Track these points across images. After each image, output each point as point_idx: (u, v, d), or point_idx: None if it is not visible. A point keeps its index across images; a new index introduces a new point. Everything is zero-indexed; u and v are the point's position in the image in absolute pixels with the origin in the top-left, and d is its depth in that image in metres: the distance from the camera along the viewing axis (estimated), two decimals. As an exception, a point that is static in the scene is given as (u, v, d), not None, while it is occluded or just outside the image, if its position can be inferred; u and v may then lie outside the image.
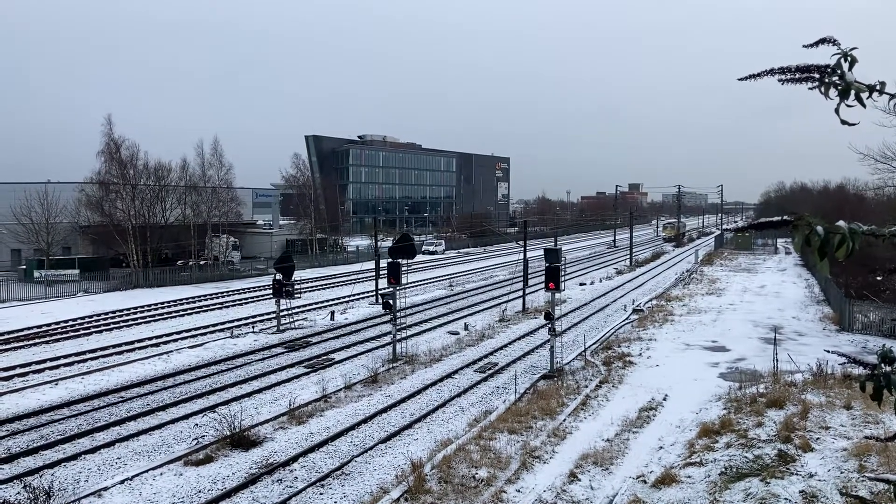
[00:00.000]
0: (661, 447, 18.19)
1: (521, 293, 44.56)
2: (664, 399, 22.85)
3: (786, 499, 12.83)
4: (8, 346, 32.91)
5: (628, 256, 76.89)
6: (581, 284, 56.25)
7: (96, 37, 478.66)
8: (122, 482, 16.59)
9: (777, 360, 25.99)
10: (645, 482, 15.53)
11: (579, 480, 15.90)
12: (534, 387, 24.95)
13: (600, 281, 59.29)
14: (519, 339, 34.28)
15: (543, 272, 28.09)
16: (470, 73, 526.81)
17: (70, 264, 60.64)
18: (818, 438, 16.31)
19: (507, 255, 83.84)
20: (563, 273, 28.16)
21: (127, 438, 19.90)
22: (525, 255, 45.99)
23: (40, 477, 16.69)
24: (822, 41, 2.61)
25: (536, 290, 46.53)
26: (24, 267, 61.09)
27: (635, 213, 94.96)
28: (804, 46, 2.68)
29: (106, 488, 16.21)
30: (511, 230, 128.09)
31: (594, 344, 32.54)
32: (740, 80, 2.79)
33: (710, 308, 43.01)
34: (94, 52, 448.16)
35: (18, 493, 14.96)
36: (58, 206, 60.73)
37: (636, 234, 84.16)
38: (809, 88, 2.64)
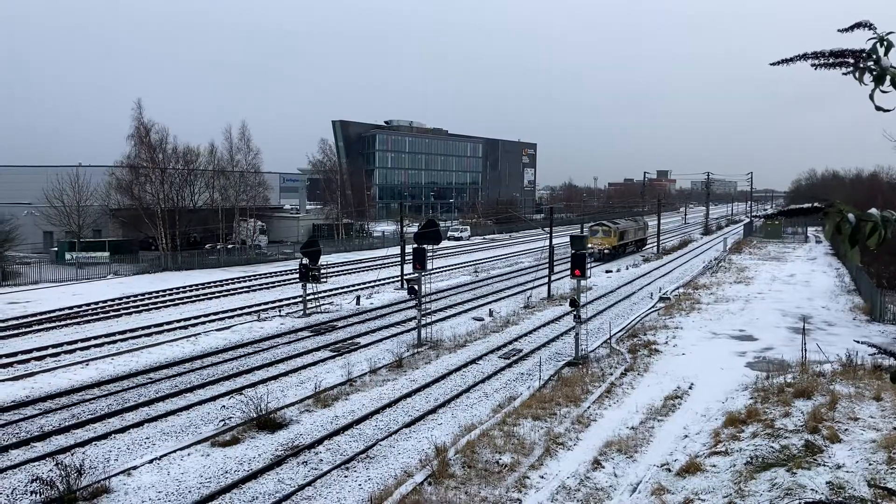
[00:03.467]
0: (686, 436, 18.11)
1: (546, 280, 44.44)
2: (690, 388, 22.72)
3: (812, 489, 12.72)
4: (41, 327, 33.54)
5: (656, 244, 76.29)
6: (607, 272, 55.95)
7: (131, 28, 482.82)
8: (150, 461, 16.87)
9: (806, 350, 25.70)
10: (669, 470, 15.48)
11: (603, 467, 15.89)
12: (558, 374, 24.92)
13: (627, 268, 58.91)
14: (544, 325, 34.23)
15: (569, 259, 27.97)
16: (499, 60, 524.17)
17: (100, 247, 61.51)
18: (846, 430, 16.13)
19: (533, 241, 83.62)
20: (589, 260, 28.02)
21: (155, 419, 20.22)
22: (551, 241, 45.80)
23: (72, 455, 17.02)
24: (858, 25, 2.56)
25: (562, 277, 46.33)
26: (56, 249, 62.12)
27: (663, 201, 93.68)
28: (839, 31, 2.63)
29: (135, 467, 16.51)
30: (537, 216, 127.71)
31: (620, 332, 32.40)
32: (772, 64, 2.75)
33: (737, 297, 42.58)
34: (128, 44, 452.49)
35: (51, 470, 15.27)
36: (89, 190, 61.54)
37: (664, 221, 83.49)
38: (843, 74, 2.59)
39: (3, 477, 16.06)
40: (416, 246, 31.87)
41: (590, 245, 48.65)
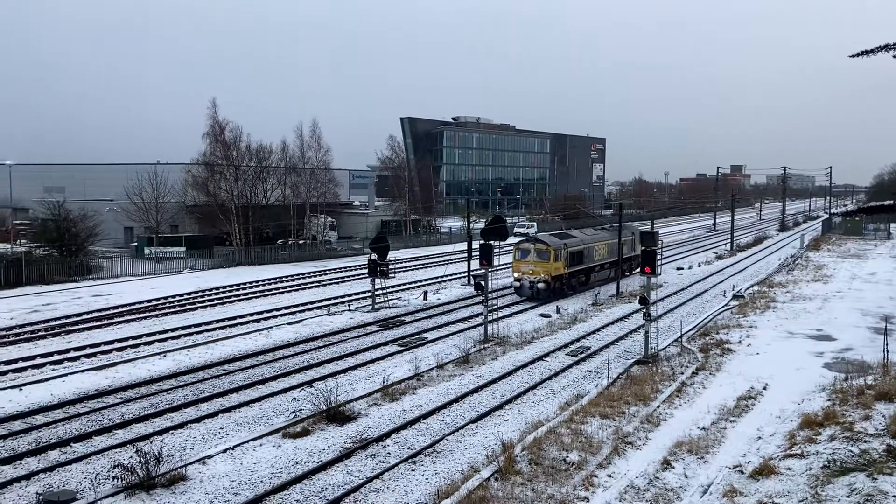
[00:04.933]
0: (759, 437, 17.66)
1: (615, 277, 43.85)
2: (764, 388, 22.12)
3: (894, 496, 12.25)
4: (122, 319, 34.88)
5: (729, 240, 74.41)
6: (678, 269, 54.88)
7: (205, 30, 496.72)
8: (224, 451, 17.38)
9: (888, 351, 24.72)
10: (742, 472, 15.13)
11: (673, 468, 15.63)
12: (627, 372, 24.59)
13: (699, 265, 57.65)
14: (612, 323, 33.81)
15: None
16: (568, 53, 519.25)
17: (177, 242, 63.55)
18: (932, 435, 15.46)
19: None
20: (659, 257, 27.54)
21: (229, 410, 20.80)
22: (620, 238, 45.16)
23: (150, 443, 17.66)
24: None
25: (631, 275, 45.71)
26: (136, 244, 64.46)
27: (737, 196, 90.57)
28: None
29: (210, 456, 17.03)
30: (606, 212, 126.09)
31: (691, 330, 31.76)
32: (851, 56, 2.67)
33: (815, 295, 41.19)
34: (201, 45, 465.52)
35: (131, 457, 15.89)
36: (166, 187, 63.56)
37: (738, 217, 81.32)
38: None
39: (87, 462, 16.79)
40: (482, 242, 31.90)
41: (515, 274, 40.29)
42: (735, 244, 73.63)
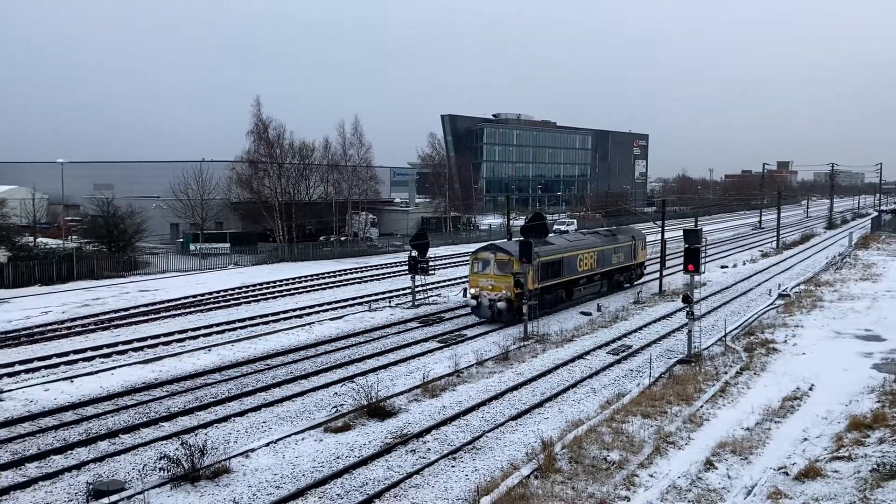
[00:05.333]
0: (805, 439, 17.33)
1: (657, 275, 43.39)
2: (810, 389, 21.69)
3: (946, 502, 11.94)
4: (168, 314, 35.60)
5: (775, 238, 73.04)
6: (723, 267, 54.06)
7: (249, 29, 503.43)
8: (267, 445, 17.65)
9: (941, 353, 24.03)
10: (787, 474, 14.88)
11: (716, 468, 15.43)
12: (669, 371, 24.32)
13: (743, 264, 56.69)
14: (654, 321, 33.45)
15: (682, 253, 27.19)
16: (614, 49, 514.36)
17: (222, 238, 64.63)
18: None
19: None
20: (703, 255, 27.16)
21: (272, 404, 21.10)
22: (663, 235, 44.64)
23: (195, 435, 18.01)
24: None
25: (674, 272, 45.15)
26: (182, 240, 65.67)
27: (784, 193, 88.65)
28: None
29: (252, 450, 17.30)
30: (648, 209, 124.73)
31: (735, 329, 31.26)
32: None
33: (863, 294, 40.20)
34: (247, 44, 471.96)
35: (177, 448, 16.21)
36: (211, 184, 64.66)
37: (784, 214, 79.74)
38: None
39: (134, 453, 17.20)
40: (522, 239, 31.79)
41: (471, 290, 33.55)
42: (781, 242, 72.25)
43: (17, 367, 25.03)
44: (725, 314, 35.01)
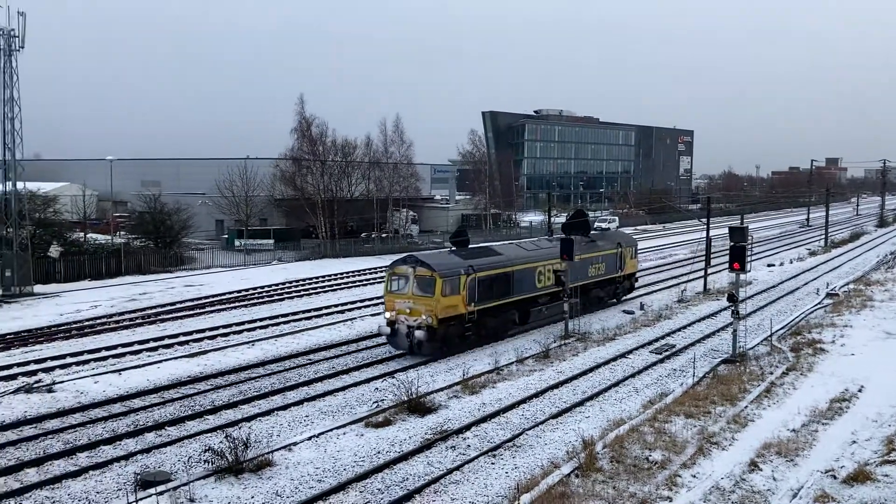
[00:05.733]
0: (853, 441, 16.95)
1: (702, 273, 42.78)
2: (859, 390, 21.19)
3: None
4: (213, 309, 36.22)
5: (823, 236, 71.45)
6: (769, 266, 53.07)
7: (292, 29, 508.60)
8: (309, 438, 17.85)
9: None
10: (835, 477, 14.58)
11: (760, 470, 15.18)
12: (714, 371, 23.97)
13: (790, 262, 55.57)
14: (698, 321, 32.99)
15: (727, 252, 26.76)
16: (656, 45, 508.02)
17: (266, 234, 65.56)
18: None
19: (688, 233, 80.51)
20: (749, 253, 26.68)
21: (314, 398, 21.33)
22: (708, 233, 43.98)
23: (239, 429, 18.31)
24: None
25: (719, 271, 44.48)
26: (227, 236, 66.73)
27: (832, 190, 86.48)
28: None
29: (295, 443, 17.52)
30: (693, 207, 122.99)
31: (781, 329, 30.68)
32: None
33: (917, 294, 39.12)
34: (288, 41, 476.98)
35: (221, 441, 16.49)
36: (255, 181, 65.58)
37: (833, 212, 77.91)
38: None
39: (180, 445, 17.55)
40: (563, 236, 31.59)
41: (386, 314, 26.46)
42: (830, 240, 70.65)
43: (69, 360, 25.73)
44: (771, 313, 34.38)
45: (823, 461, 15.61)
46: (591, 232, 39.12)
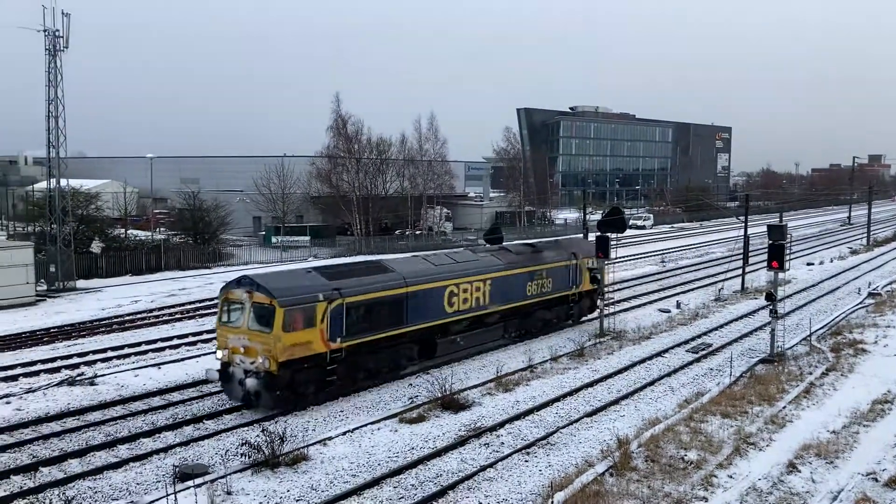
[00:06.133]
0: (896, 444, 16.61)
1: (739, 272, 42.21)
2: (902, 392, 20.76)
3: None
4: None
5: (865, 235, 70.01)
6: (808, 264, 52.19)
7: (332, 32, 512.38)
8: (343, 433, 18.00)
9: None
10: (876, 480, 14.33)
11: (799, 472, 14.97)
12: (751, 371, 23.67)
13: (831, 261, 54.58)
14: (736, 320, 32.56)
15: (766, 250, 26.39)
16: (693, 42, 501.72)
17: (302, 231, 66.18)
18: None
19: (726, 230, 79.57)
20: (788, 251, 26.27)
21: (349, 394, 21.46)
22: (746, 231, 43.36)
23: (275, 423, 18.52)
24: None
25: (757, 270, 43.77)
26: (264, 233, 67.50)
27: (875, 188, 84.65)
28: None
29: (330, 438, 17.68)
30: (731, 204, 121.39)
31: (821, 329, 30.17)
32: None
33: (964, 295, 38.19)
34: (331, 43, 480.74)
35: (258, 435, 16.72)
36: (292, 178, 66.24)
37: (875, 210, 76.35)
38: None
39: (217, 439, 17.81)
40: (598, 234, 31.37)
41: (218, 353, 20.12)
42: (872, 239, 69.22)
43: (110, 354, 26.26)
44: (811, 313, 33.83)
45: (864, 464, 15.34)
46: (542, 241, 35.09)
